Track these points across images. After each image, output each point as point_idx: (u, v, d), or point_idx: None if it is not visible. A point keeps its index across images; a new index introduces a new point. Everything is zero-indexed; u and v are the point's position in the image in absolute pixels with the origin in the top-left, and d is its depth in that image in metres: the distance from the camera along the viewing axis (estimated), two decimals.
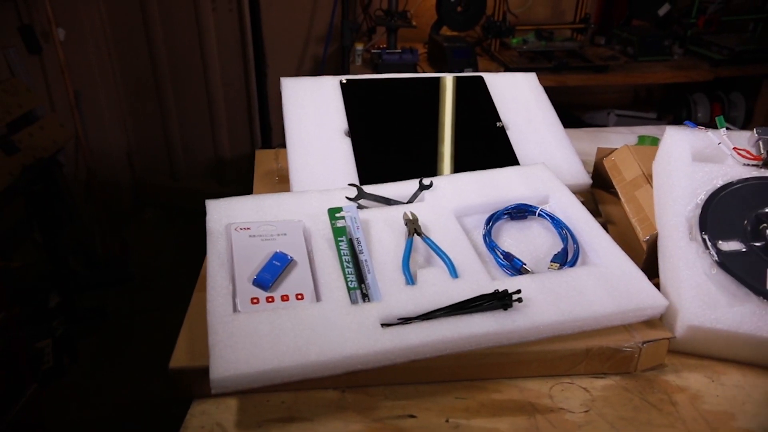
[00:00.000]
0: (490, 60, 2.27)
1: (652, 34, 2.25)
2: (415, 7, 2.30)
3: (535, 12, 2.49)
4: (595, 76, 2.14)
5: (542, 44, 2.19)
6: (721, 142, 0.71)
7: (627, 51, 2.29)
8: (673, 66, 2.21)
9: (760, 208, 0.64)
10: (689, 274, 0.61)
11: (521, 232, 0.72)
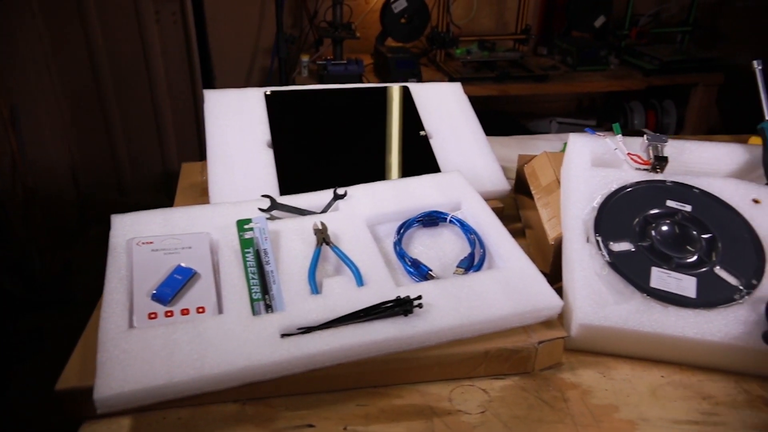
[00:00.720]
0: (435, 70, 2.32)
1: (590, 45, 2.34)
2: (360, 18, 2.33)
3: (479, 23, 2.55)
4: (536, 85, 2.21)
5: (485, 54, 2.25)
6: (617, 148, 0.74)
7: (567, 61, 2.37)
8: (610, 75, 2.30)
9: (647, 210, 0.67)
10: (582, 274, 0.63)
11: (432, 239, 0.73)
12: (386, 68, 2.09)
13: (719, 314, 0.59)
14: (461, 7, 2.47)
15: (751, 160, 0.73)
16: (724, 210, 0.67)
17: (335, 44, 2.16)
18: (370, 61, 2.32)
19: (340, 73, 2.09)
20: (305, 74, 2.22)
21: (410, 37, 2.20)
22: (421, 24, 2.19)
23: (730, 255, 0.63)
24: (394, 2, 2.10)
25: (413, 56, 2.09)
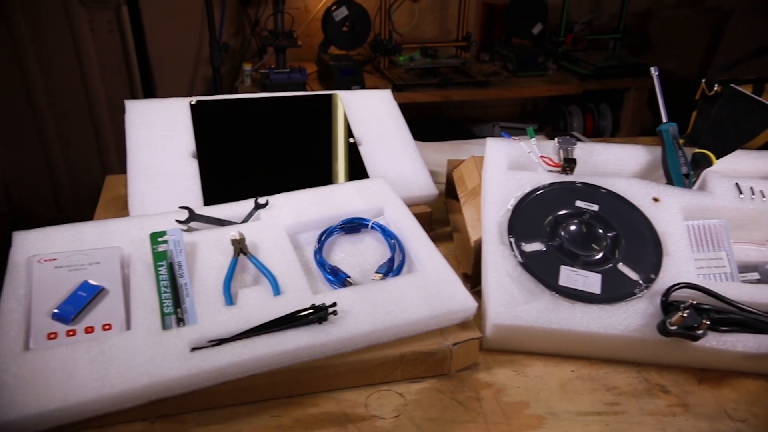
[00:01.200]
0: (380, 77, 2.34)
1: (529, 52, 2.41)
2: (303, 27, 2.33)
3: (422, 31, 2.59)
4: (478, 90, 2.26)
5: (427, 61, 2.29)
6: (531, 152, 0.77)
7: (507, 67, 2.44)
8: (548, 80, 2.38)
9: (558, 211, 0.70)
10: (496, 275, 0.65)
11: (354, 246, 0.74)
12: (329, 76, 2.10)
13: (620, 308, 0.62)
14: (404, 15, 2.50)
15: (652, 160, 0.77)
16: (628, 208, 0.70)
17: (278, 53, 2.15)
18: (314, 69, 2.32)
19: (282, 82, 2.08)
20: (248, 83, 2.20)
21: (353, 45, 2.22)
22: (363, 32, 2.20)
23: (632, 251, 0.67)
24: (334, 10, 2.11)
25: (356, 64, 2.10)
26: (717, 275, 0.68)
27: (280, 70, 2.11)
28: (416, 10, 2.44)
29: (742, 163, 0.76)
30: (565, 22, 2.43)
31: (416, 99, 2.22)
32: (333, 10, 2.12)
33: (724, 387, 0.61)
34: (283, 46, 2.08)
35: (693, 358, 0.62)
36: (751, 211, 0.70)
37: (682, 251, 0.67)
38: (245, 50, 2.36)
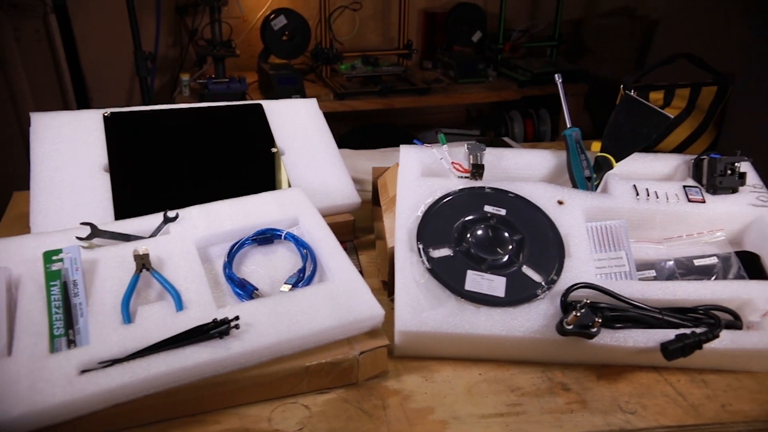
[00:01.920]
0: (323, 85, 2.34)
1: (469, 59, 2.46)
2: (242, 36, 2.31)
3: (365, 39, 2.61)
4: (420, 98, 2.29)
5: (369, 69, 2.30)
6: (443, 158, 0.78)
7: (449, 74, 2.48)
8: (488, 87, 2.43)
9: (466, 216, 0.71)
10: (404, 282, 0.66)
11: (266, 257, 0.73)
12: (269, 85, 2.08)
13: (523, 310, 0.64)
14: (346, 23, 2.51)
15: (559, 164, 0.80)
16: (534, 212, 0.72)
17: (216, 62, 2.11)
18: (256, 79, 2.29)
19: (221, 92, 2.04)
20: (186, 93, 2.16)
21: (293, 54, 2.21)
22: (303, 41, 2.20)
23: (536, 254, 0.68)
24: (273, 19, 2.10)
25: (296, 72, 2.09)
26: (617, 274, 0.71)
27: (218, 80, 2.08)
28: (357, 19, 2.46)
29: (641, 165, 0.80)
30: (503, 30, 2.49)
31: (358, 107, 2.23)
32: (271, 19, 2.10)
33: (621, 381, 0.63)
34: (221, 55, 2.05)
35: (591, 355, 0.64)
36: (647, 211, 0.73)
37: (583, 252, 0.69)
38: (183, 60, 2.31)
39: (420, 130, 2.67)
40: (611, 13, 2.89)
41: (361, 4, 2.42)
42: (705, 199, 0.74)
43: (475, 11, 2.49)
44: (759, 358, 0.62)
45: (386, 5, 2.58)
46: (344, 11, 2.39)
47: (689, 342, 0.59)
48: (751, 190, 0.74)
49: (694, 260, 0.72)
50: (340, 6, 2.36)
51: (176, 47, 2.37)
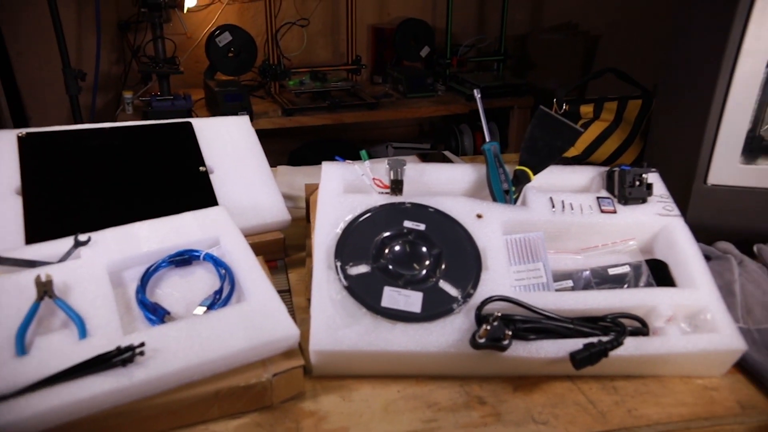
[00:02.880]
0: (271, 102, 2.33)
1: (418, 74, 2.50)
2: (188, 52, 2.28)
3: (314, 55, 2.62)
4: (368, 112, 2.30)
5: (317, 85, 2.31)
6: (364, 174, 0.78)
7: (399, 89, 2.51)
8: (437, 101, 2.47)
9: (384, 232, 0.71)
10: (319, 300, 0.65)
11: (184, 279, 0.71)
12: (215, 102, 2.05)
13: (439, 325, 0.64)
14: (295, 39, 2.52)
15: (480, 178, 0.81)
16: (452, 226, 0.73)
17: (161, 79, 2.08)
18: (202, 96, 2.26)
19: (166, 109, 2.01)
20: (130, 111, 2.11)
21: (239, 71, 2.19)
22: (250, 57, 2.19)
23: (454, 268, 0.69)
24: (217, 36, 2.08)
25: (242, 89, 2.08)
26: (535, 285, 0.72)
27: (163, 98, 2.05)
28: (305, 35, 2.46)
29: (559, 178, 0.82)
30: (450, 45, 2.54)
31: (307, 122, 2.23)
32: (216, 36, 2.08)
33: (536, 392, 0.64)
34: (164, 72, 2.01)
35: (505, 367, 0.64)
36: (562, 222, 0.75)
37: (499, 265, 0.70)
38: (125, 77, 2.27)
39: (372, 144, 2.69)
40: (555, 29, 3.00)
41: (309, 20, 2.43)
42: (616, 209, 0.76)
43: (422, 27, 2.53)
44: (662, 362, 0.64)
45: (335, 21, 2.60)
46: (292, 27, 2.40)
47: (595, 351, 0.60)
48: (659, 200, 0.77)
49: (608, 269, 0.74)
50: (287, 22, 2.36)
51: (120, 64, 2.32)
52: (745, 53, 0.77)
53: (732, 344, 0.62)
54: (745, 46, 0.77)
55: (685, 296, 0.67)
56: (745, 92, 0.79)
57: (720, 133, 0.82)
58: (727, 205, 0.85)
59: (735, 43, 0.77)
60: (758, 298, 0.72)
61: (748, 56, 0.77)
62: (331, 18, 2.59)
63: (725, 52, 0.78)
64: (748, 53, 0.77)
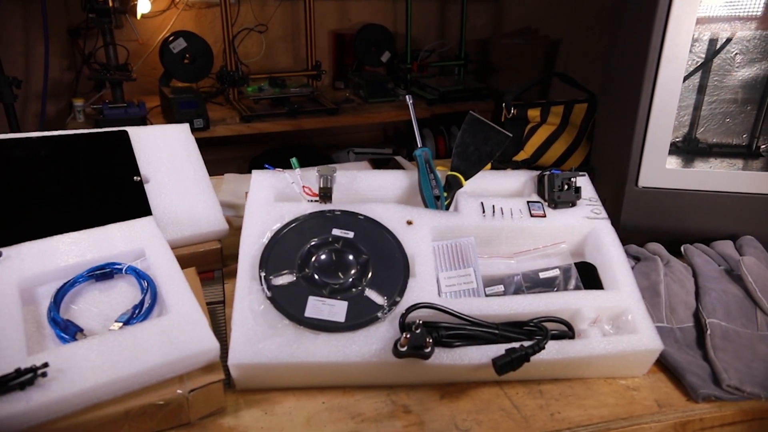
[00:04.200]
0: (230, 108, 2.30)
1: (378, 79, 2.50)
2: (143, 59, 2.23)
3: (275, 61, 2.60)
4: (329, 118, 2.29)
5: (276, 91, 2.29)
6: (294, 182, 0.77)
7: (360, 94, 2.50)
8: (398, 106, 2.48)
9: (311, 240, 0.70)
10: (241, 312, 0.64)
11: (104, 294, 0.69)
12: (170, 109, 2.02)
13: (362, 334, 0.63)
14: (254, 45, 2.49)
15: (413, 185, 0.81)
16: (382, 233, 0.73)
17: (113, 87, 2.03)
18: (158, 103, 2.22)
19: (118, 117, 1.96)
20: (81, 119, 2.06)
21: (196, 77, 2.16)
22: (206, 63, 2.16)
23: (381, 276, 0.68)
24: (171, 42, 2.04)
25: (198, 96, 2.04)
26: (465, 291, 0.72)
27: (115, 105, 2.00)
28: (264, 41, 2.44)
29: (492, 182, 0.82)
30: (410, 50, 2.55)
31: (266, 129, 2.20)
32: (170, 42, 2.05)
33: (462, 399, 0.63)
34: (115, 79, 1.97)
35: (430, 375, 0.64)
36: (493, 227, 0.75)
37: (427, 272, 0.69)
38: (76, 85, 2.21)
39: (335, 150, 2.67)
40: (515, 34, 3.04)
41: (268, 26, 2.41)
42: (546, 213, 0.76)
43: (381, 32, 2.54)
44: (585, 365, 0.64)
45: (295, 27, 2.59)
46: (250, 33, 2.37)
47: (516, 356, 0.60)
48: (587, 203, 0.78)
49: (539, 273, 0.74)
50: (245, 28, 2.34)
51: (72, 71, 2.27)
52: (665, 60, 0.78)
53: (650, 344, 0.63)
54: (665, 53, 0.78)
55: (609, 298, 0.68)
56: (668, 98, 0.80)
57: (647, 137, 0.83)
58: (658, 206, 0.87)
59: (656, 50, 0.79)
60: (682, 298, 0.73)
61: (669, 63, 0.79)
62: (291, 24, 2.58)
63: (647, 58, 0.79)
64: (668, 60, 0.78)
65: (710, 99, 1.10)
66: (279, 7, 2.49)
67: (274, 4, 2.48)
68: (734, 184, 0.84)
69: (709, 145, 1.12)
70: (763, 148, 1.09)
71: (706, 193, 0.84)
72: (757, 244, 0.81)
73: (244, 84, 2.25)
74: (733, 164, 1.07)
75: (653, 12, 0.77)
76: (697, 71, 1.06)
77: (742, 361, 0.64)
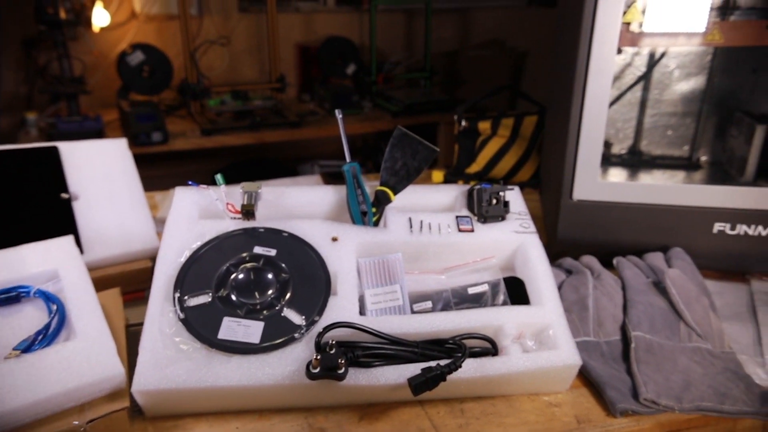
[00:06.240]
0: (192, 121, 2.27)
1: (343, 91, 2.50)
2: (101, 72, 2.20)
3: (240, 73, 2.58)
4: (292, 131, 2.28)
5: (238, 104, 2.27)
6: (218, 198, 0.75)
7: (325, 106, 2.49)
8: (363, 118, 2.47)
9: (231, 259, 0.68)
10: (150, 337, 0.61)
11: (8, 319, 0.66)
12: (127, 123, 1.98)
13: (277, 356, 0.61)
14: (217, 58, 2.47)
15: (341, 200, 0.79)
16: (305, 250, 0.71)
17: (69, 100, 1.99)
18: (117, 117, 2.19)
19: (73, 131, 1.92)
20: (34, 133, 2.01)
21: (155, 90, 2.13)
22: (166, 76, 2.13)
23: (301, 294, 0.67)
24: (129, 55, 2.02)
25: (155, 109, 2.02)
26: (391, 308, 0.70)
27: (70, 119, 1.96)
28: (227, 54, 2.43)
29: (423, 197, 0.81)
30: (375, 62, 2.55)
31: (228, 142, 2.18)
32: (127, 55, 2.02)
33: (382, 420, 0.62)
34: (69, 92, 1.93)
35: (347, 396, 0.62)
36: (420, 243, 0.74)
37: (349, 290, 0.68)
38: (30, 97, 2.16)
39: (300, 162, 2.66)
40: (482, 46, 3.07)
41: (231, 39, 2.40)
42: (474, 228, 0.76)
43: (346, 44, 2.54)
44: (506, 382, 0.63)
45: (260, 40, 2.58)
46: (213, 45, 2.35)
47: (431, 375, 0.59)
48: (517, 217, 0.77)
49: (468, 288, 0.73)
50: (207, 41, 2.32)
51: (26, 84, 2.22)
52: (592, 77, 0.79)
53: (569, 360, 0.62)
54: (591, 70, 0.78)
55: (532, 314, 0.67)
56: (596, 113, 0.81)
57: (579, 151, 0.84)
58: (592, 219, 0.87)
59: (583, 65, 0.79)
60: (610, 311, 0.73)
61: (595, 79, 0.79)
62: (256, 36, 2.56)
63: (575, 72, 0.79)
64: (595, 76, 0.79)
65: (652, 112, 1.11)
66: (242, 20, 2.47)
67: (237, 16, 2.47)
68: (664, 197, 0.84)
69: (652, 157, 1.14)
70: (703, 159, 1.11)
71: (638, 206, 0.85)
72: (684, 256, 0.81)
73: (206, 97, 2.23)
74: (674, 176, 1.08)
75: (578, 33, 0.77)
76: (636, 84, 1.07)
77: (662, 373, 0.64)
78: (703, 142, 1.10)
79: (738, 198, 0.83)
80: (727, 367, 0.65)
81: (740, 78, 1.03)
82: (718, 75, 1.04)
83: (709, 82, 1.05)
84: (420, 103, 2.49)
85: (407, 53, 2.83)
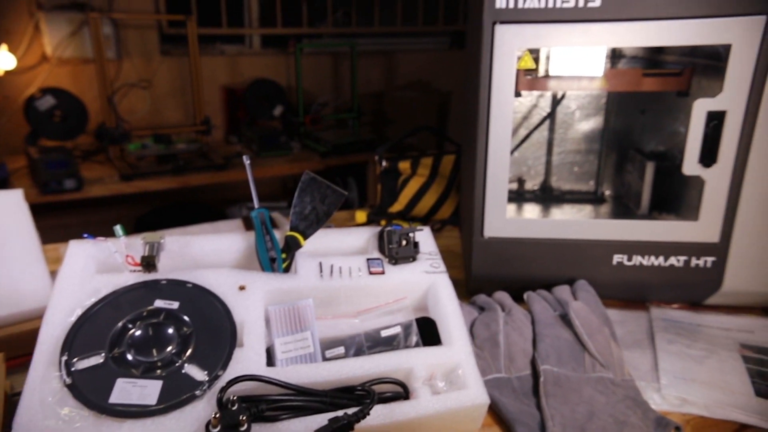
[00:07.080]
0: (111, 166, 2.18)
1: (271, 132, 2.49)
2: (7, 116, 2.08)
3: (163, 116, 2.52)
4: (218, 173, 2.23)
5: (161, 148, 2.20)
6: (117, 251, 0.72)
7: (252, 148, 2.47)
8: (292, 159, 2.47)
9: (128, 315, 0.65)
10: (28, 408, 0.56)
11: None
12: (36, 170, 1.87)
13: (176, 416, 0.58)
14: (140, 101, 2.41)
15: (250, 247, 0.78)
16: (211, 301, 0.68)
17: None
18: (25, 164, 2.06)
19: None
20: None
21: (69, 135, 2.04)
22: (80, 121, 2.04)
23: (204, 348, 0.64)
24: (37, 99, 1.92)
25: (68, 155, 1.92)
26: (302, 356, 0.68)
27: None
28: (148, 96, 2.37)
29: (335, 241, 0.81)
30: (302, 104, 2.58)
31: (150, 187, 2.10)
32: (36, 100, 1.93)
33: None
34: None
35: None
36: (330, 287, 0.73)
37: (255, 340, 0.66)
38: None
39: (229, 205, 2.60)
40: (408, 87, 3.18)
41: (152, 82, 2.35)
42: (385, 270, 0.76)
43: (272, 86, 2.55)
44: (417, 426, 0.62)
45: (184, 82, 2.54)
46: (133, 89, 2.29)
47: (338, 426, 0.57)
48: (427, 257, 0.78)
49: (381, 331, 0.73)
50: (126, 84, 2.26)
51: None
52: (494, 117, 0.83)
53: (477, 399, 0.62)
54: (493, 111, 0.83)
55: (441, 354, 0.67)
56: (501, 152, 0.84)
57: (487, 189, 0.87)
58: (502, 255, 0.89)
59: (485, 108, 0.83)
60: (520, 346, 0.75)
61: (498, 119, 0.83)
62: (180, 79, 2.53)
63: (479, 115, 0.83)
64: (497, 117, 0.83)
65: (559, 150, 1.18)
66: (164, 62, 2.44)
67: (159, 59, 2.43)
68: (568, 232, 0.88)
69: (562, 192, 1.20)
70: (607, 194, 1.18)
71: (545, 241, 0.88)
72: (588, 287, 0.85)
73: (126, 141, 2.15)
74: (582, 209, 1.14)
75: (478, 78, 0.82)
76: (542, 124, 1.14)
77: (568, 405, 0.65)
78: (606, 177, 1.17)
79: (633, 231, 0.88)
80: (627, 394, 0.67)
81: (632, 118, 1.11)
82: (613, 116, 1.13)
83: (606, 122, 1.13)
84: (348, 143, 2.52)
85: (335, 94, 2.88)
